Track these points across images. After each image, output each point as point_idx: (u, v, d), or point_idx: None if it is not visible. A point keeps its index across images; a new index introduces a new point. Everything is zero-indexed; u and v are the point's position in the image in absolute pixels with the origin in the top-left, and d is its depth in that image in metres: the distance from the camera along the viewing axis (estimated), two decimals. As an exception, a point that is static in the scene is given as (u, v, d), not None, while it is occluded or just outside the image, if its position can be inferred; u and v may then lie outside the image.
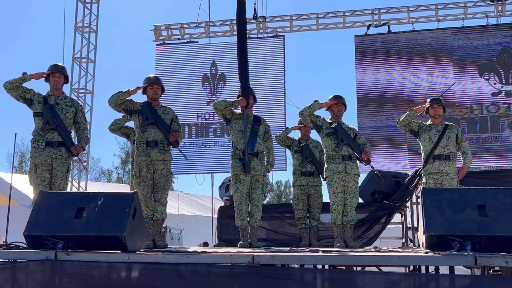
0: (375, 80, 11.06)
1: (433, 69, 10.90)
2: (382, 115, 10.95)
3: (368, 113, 11.02)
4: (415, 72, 10.96)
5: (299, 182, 7.18)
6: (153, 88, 5.89)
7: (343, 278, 4.04)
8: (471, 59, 10.80)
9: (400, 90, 10.96)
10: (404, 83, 10.96)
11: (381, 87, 11.04)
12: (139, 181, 5.70)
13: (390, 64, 11.07)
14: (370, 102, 11.02)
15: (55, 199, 4.59)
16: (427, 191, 4.32)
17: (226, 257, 4.08)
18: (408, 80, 10.97)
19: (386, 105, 10.94)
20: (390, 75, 11.02)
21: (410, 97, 10.81)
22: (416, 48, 11.02)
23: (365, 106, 11.04)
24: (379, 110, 10.99)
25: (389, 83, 11.02)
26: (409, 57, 11.02)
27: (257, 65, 11.32)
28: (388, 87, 11.02)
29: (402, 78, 10.97)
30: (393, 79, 11.02)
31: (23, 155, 32.96)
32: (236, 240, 6.66)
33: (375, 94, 11.03)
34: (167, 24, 12.44)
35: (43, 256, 4.11)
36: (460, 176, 6.52)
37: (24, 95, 5.73)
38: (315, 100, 6.37)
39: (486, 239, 3.89)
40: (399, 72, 11.02)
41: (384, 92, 11.02)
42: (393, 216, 8.15)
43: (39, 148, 5.64)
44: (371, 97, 11.04)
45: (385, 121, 10.87)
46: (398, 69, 11.03)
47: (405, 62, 11.02)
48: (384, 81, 11.04)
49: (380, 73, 11.06)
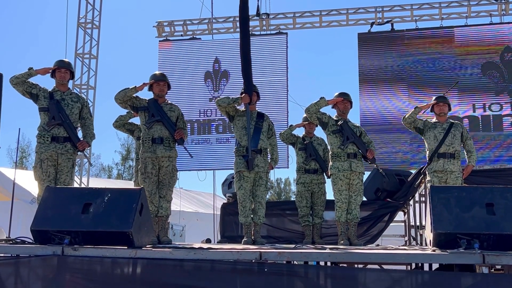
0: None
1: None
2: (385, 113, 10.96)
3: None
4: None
5: (302, 179, 7.18)
6: (159, 85, 5.90)
7: (346, 275, 4.04)
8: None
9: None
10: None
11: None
12: (144, 177, 5.71)
13: (394, 65, 11.06)
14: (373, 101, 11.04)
15: (62, 194, 4.60)
16: (435, 189, 4.32)
17: (233, 254, 4.08)
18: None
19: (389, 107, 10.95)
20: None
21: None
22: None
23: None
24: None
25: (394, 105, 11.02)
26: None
27: (260, 62, 11.29)
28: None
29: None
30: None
31: (23, 150, 32.94)
32: (239, 237, 6.66)
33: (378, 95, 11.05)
34: (170, 21, 12.42)
35: (50, 251, 4.12)
36: (464, 174, 6.51)
37: (30, 90, 5.72)
38: (322, 97, 6.36)
39: (494, 237, 3.90)
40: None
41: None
42: (396, 214, 8.15)
43: (44, 143, 5.63)
44: (374, 97, 11.04)
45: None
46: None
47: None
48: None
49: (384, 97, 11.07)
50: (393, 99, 11.03)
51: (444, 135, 6.44)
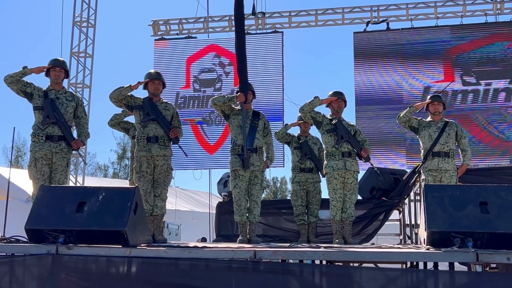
0: (374, 80, 11.04)
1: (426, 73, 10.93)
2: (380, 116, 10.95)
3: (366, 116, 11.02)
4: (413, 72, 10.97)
5: (298, 178, 7.18)
6: (154, 84, 5.90)
7: (341, 273, 4.04)
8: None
9: (398, 93, 10.92)
10: (402, 85, 10.94)
11: (379, 88, 11.04)
12: (139, 176, 5.71)
13: (388, 64, 11.06)
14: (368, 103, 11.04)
15: (57, 193, 4.58)
16: (429, 187, 4.32)
17: (227, 252, 4.08)
18: (406, 81, 10.97)
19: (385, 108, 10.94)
20: (389, 76, 11.01)
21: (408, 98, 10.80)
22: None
23: (363, 110, 11.05)
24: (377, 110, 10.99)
25: (388, 86, 11.00)
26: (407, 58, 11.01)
27: (255, 61, 11.30)
28: (387, 89, 11.01)
29: (400, 79, 10.95)
30: (392, 80, 11.00)
31: (19, 149, 32.89)
32: (234, 236, 6.66)
33: (373, 95, 11.04)
34: (166, 19, 12.40)
35: (44, 250, 4.10)
36: (459, 173, 6.53)
37: (24, 89, 5.71)
38: (316, 96, 6.38)
39: (488, 236, 3.90)
40: (398, 73, 11.00)
41: (383, 94, 11.02)
42: (392, 213, 8.17)
43: (39, 142, 5.62)
44: (369, 97, 11.03)
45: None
46: (397, 69, 11.01)
47: (403, 63, 10.99)
48: (383, 82, 11.01)
49: (379, 73, 11.04)
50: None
51: (438, 134, 6.46)
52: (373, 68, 11.03)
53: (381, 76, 10.99)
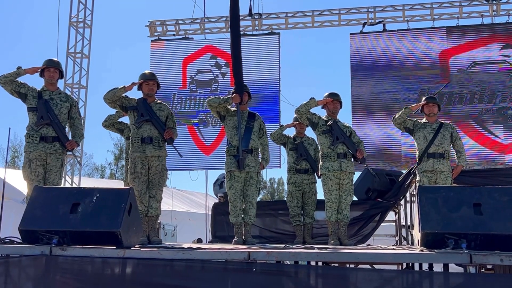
0: (371, 82, 11.05)
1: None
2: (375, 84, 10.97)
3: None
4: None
5: (293, 179, 7.18)
6: (149, 85, 5.89)
7: (337, 275, 4.04)
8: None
9: (395, 106, 10.93)
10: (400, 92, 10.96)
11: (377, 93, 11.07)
12: (134, 177, 5.70)
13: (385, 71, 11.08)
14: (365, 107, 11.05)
15: (50, 194, 4.57)
16: (422, 189, 4.34)
17: (222, 253, 4.08)
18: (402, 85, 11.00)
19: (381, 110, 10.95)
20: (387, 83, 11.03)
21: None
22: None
23: (359, 114, 11.06)
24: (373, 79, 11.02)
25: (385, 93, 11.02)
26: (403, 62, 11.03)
27: (252, 62, 11.31)
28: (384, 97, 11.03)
29: (397, 84, 10.96)
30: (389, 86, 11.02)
31: (15, 150, 32.82)
32: (230, 237, 6.65)
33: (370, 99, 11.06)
34: (162, 20, 12.39)
35: (38, 251, 4.10)
36: (454, 174, 6.55)
37: (18, 90, 5.70)
38: (311, 97, 6.38)
39: (481, 237, 3.91)
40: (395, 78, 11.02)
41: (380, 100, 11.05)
42: (387, 214, 8.16)
43: (33, 143, 5.61)
44: (366, 99, 11.05)
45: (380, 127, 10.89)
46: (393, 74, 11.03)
47: (400, 68, 11.01)
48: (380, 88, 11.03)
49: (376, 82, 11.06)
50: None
51: (433, 135, 6.48)
52: (370, 79, 11.02)
53: (378, 84, 11.01)
